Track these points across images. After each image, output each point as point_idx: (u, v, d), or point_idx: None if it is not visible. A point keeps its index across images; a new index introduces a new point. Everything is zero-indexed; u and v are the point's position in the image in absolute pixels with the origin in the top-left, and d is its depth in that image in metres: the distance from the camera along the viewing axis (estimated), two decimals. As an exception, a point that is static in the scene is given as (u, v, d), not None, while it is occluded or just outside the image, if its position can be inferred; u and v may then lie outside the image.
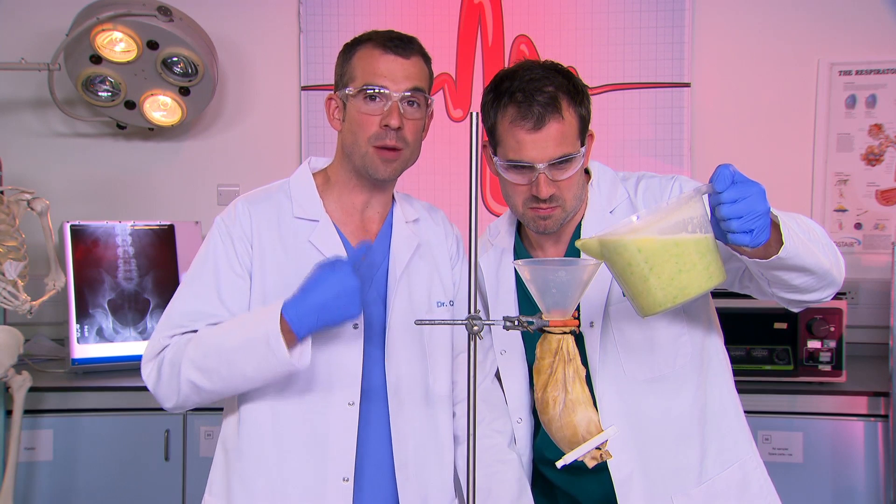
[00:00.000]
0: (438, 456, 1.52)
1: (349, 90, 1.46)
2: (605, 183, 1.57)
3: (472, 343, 1.11)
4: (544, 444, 1.56)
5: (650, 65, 2.97)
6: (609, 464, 1.45)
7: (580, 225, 1.54)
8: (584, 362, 1.39)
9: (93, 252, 2.68)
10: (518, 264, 1.15)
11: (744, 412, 1.57)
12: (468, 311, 1.11)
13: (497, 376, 1.62)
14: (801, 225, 1.30)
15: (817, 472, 2.36)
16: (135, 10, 2.68)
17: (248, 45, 3.10)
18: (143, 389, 1.47)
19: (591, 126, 1.51)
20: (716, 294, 1.49)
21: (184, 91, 2.88)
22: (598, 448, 1.13)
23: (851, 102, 2.93)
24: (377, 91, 1.43)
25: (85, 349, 2.62)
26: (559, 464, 1.13)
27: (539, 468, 1.62)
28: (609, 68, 2.99)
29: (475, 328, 1.10)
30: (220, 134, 3.13)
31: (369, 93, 1.43)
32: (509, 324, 1.14)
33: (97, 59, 2.76)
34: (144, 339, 2.66)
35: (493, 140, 1.50)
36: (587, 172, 1.59)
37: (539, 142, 1.41)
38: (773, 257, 1.21)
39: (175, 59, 2.80)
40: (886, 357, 2.38)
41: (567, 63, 1.57)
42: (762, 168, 2.55)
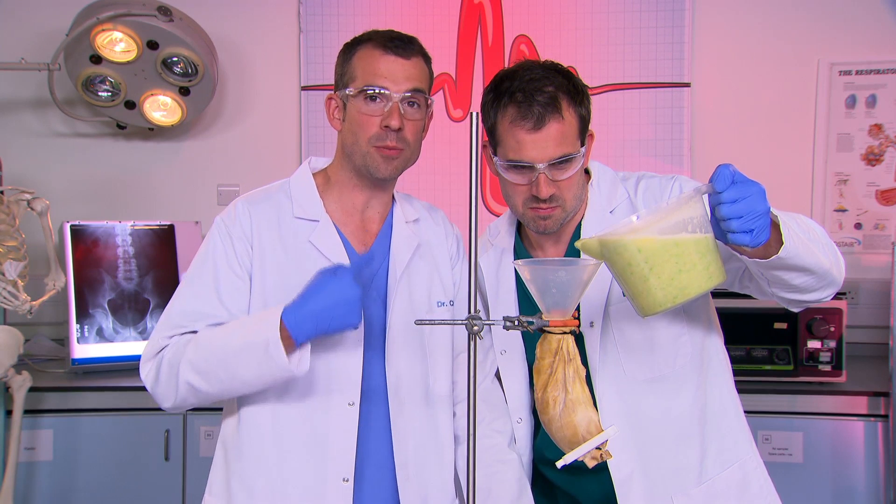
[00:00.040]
0: (439, 456, 1.52)
1: (349, 90, 1.46)
2: (605, 183, 1.57)
3: (472, 343, 1.11)
4: (544, 444, 1.56)
5: (650, 65, 2.97)
6: (609, 464, 1.45)
7: (580, 225, 1.54)
8: (584, 362, 1.38)
9: (93, 252, 2.68)
10: (518, 264, 1.15)
11: (744, 412, 1.57)
12: (468, 311, 1.11)
13: (497, 376, 1.62)
14: (801, 225, 1.30)
15: (817, 472, 2.36)
16: (135, 10, 2.68)
17: (248, 45, 3.10)
18: (143, 389, 1.46)
19: (591, 126, 1.51)
20: (716, 294, 1.49)
21: (184, 91, 2.88)
22: (598, 448, 1.13)
23: (851, 102, 2.93)
24: (377, 92, 1.43)
25: (85, 349, 2.62)
26: (559, 464, 1.13)
27: (539, 468, 1.62)
28: (609, 68, 2.99)
29: (475, 328, 1.10)
30: (220, 134, 3.13)
31: (370, 93, 1.43)
32: (509, 324, 1.14)
33: (97, 59, 2.76)
34: (144, 339, 2.66)
35: (493, 140, 1.50)
36: (587, 172, 1.59)
37: (539, 142, 1.41)
38: (773, 257, 1.21)
39: (175, 59, 2.80)
40: (886, 357, 2.38)
41: (567, 63, 1.57)
42: (762, 168, 2.55)
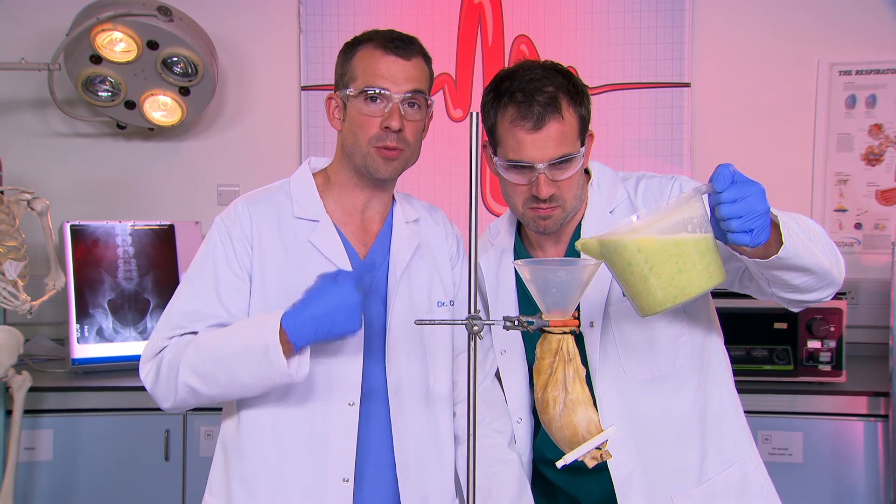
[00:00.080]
0: (439, 456, 1.52)
1: (350, 91, 1.45)
2: (605, 183, 1.57)
3: (472, 343, 1.11)
4: (544, 444, 1.56)
5: (650, 65, 2.97)
6: (609, 464, 1.45)
7: (580, 225, 1.54)
8: (584, 362, 1.38)
9: (93, 252, 2.68)
10: (518, 264, 1.15)
11: (744, 412, 1.57)
12: (468, 311, 1.11)
13: (497, 376, 1.62)
14: (801, 225, 1.30)
15: (817, 472, 2.36)
16: (135, 10, 2.68)
17: (248, 45, 3.10)
18: (143, 389, 1.46)
19: (591, 126, 1.51)
20: (716, 294, 1.49)
21: (184, 91, 2.88)
22: (598, 448, 1.13)
23: (851, 102, 2.93)
24: (378, 92, 1.43)
25: (85, 349, 2.62)
26: (559, 464, 1.13)
27: (539, 468, 1.62)
28: (609, 68, 2.99)
29: (475, 328, 1.10)
30: (220, 134, 3.13)
31: (370, 94, 1.43)
32: (509, 324, 1.14)
33: (97, 59, 2.76)
34: (144, 339, 2.66)
35: (493, 140, 1.50)
36: (587, 172, 1.59)
37: (539, 142, 1.41)
38: (773, 257, 1.21)
39: (175, 59, 2.80)
40: (886, 357, 2.38)
41: (567, 63, 1.57)
42: (762, 168, 2.55)
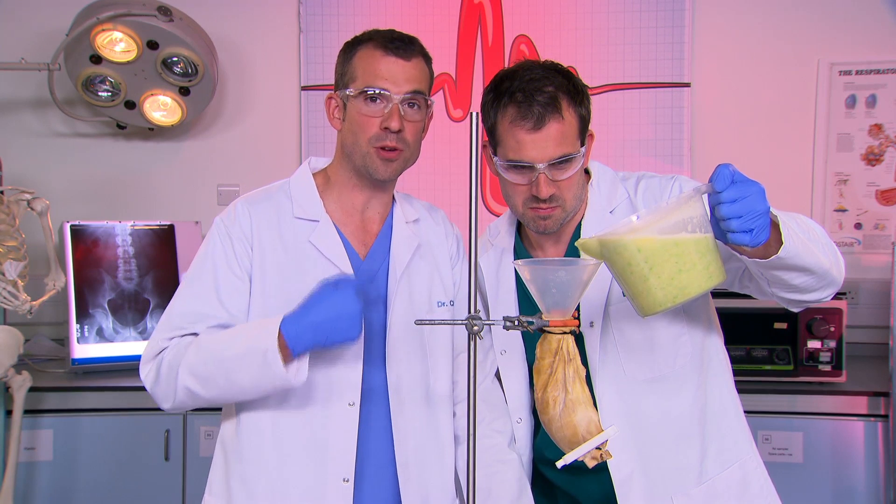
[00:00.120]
0: (439, 456, 1.52)
1: (350, 91, 1.45)
2: (605, 183, 1.57)
3: (472, 343, 1.11)
4: (544, 444, 1.56)
5: (650, 65, 2.97)
6: (609, 464, 1.45)
7: (580, 225, 1.54)
8: (584, 362, 1.38)
9: (93, 252, 2.68)
10: (518, 264, 1.15)
11: (744, 412, 1.57)
12: (468, 311, 1.11)
13: (497, 376, 1.62)
14: (801, 225, 1.30)
15: (817, 472, 2.36)
16: (135, 10, 2.68)
17: (248, 45, 3.10)
18: (143, 389, 1.46)
19: (591, 126, 1.51)
20: (716, 294, 1.49)
21: (184, 91, 2.88)
22: (598, 448, 1.13)
23: (851, 102, 2.93)
24: (378, 93, 1.43)
25: (85, 349, 2.62)
26: (559, 464, 1.13)
27: (539, 468, 1.62)
28: (609, 68, 2.99)
29: (475, 328, 1.10)
30: (220, 134, 3.13)
31: (370, 94, 1.43)
32: (509, 324, 1.14)
33: (97, 59, 2.76)
34: (144, 339, 2.66)
35: (493, 140, 1.49)
36: (587, 172, 1.59)
37: (539, 142, 1.41)
38: (773, 257, 1.21)
39: (175, 59, 2.80)
40: (886, 357, 2.38)
41: (567, 63, 1.57)
42: (762, 168, 2.55)
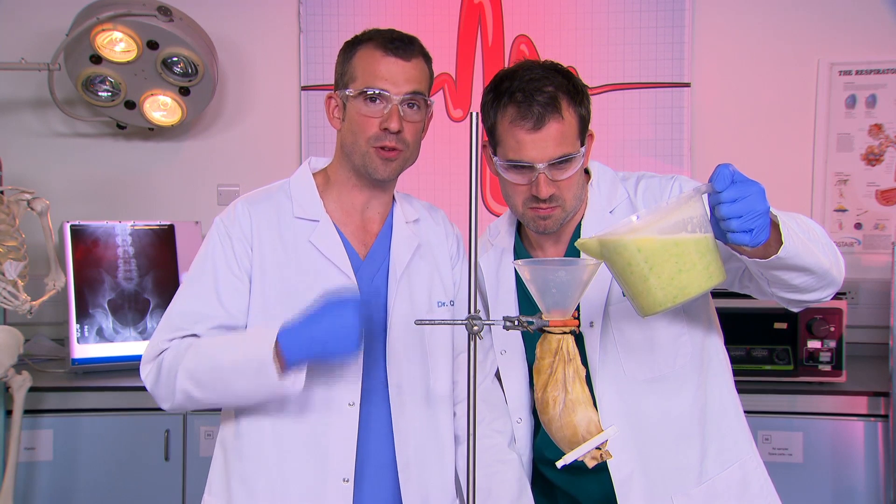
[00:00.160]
0: (439, 456, 1.52)
1: (349, 91, 1.45)
2: (605, 183, 1.57)
3: (472, 343, 1.11)
4: (544, 444, 1.56)
5: (650, 65, 2.97)
6: (609, 464, 1.45)
7: (580, 225, 1.54)
8: (584, 362, 1.38)
9: (93, 252, 2.68)
10: (518, 264, 1.15)
11: (744, 412, 1.57)
12: (468, 311, 1.11)
13: (497, 376, 1.62)
14: (801, 224, 1.30)
15: (817, 472, 2.36)
16: (135, 10, 2.68)
17: (248, 45, 3.10)
18: (143, 389, 1.47)
19: (591, 126, 1.51)
20: (716, 294, 1.49)
21: (184, 91, 2.88)
22: (598, 448, 1.13)
23: (851, 102, 2.93)
24: (377, 93, 1.43)
25: (85, 349, 2.62)
26: (559, 464, 1.13)
27: (539, 468, 1.62)
28: (609, 68, 2.99)
29: (475, 328, 1.10)
30: (220, 134, 3.13)
31: (369, 95, 1.43)
32: (509, 324, 1.14)
33: (97, 59, 2.76)
34: (144, 339, 2.66)
35: (493, 140, 1.49)
36: (587, 172, 1.59)
37: (539, 142, 1.41)
38: (773, 257, 1.21)
39: (175, 59, 2.80)
40: (886, 357, 2.38)
41: (567, 63, 1.57)
42: (762, 168, 2.55)
